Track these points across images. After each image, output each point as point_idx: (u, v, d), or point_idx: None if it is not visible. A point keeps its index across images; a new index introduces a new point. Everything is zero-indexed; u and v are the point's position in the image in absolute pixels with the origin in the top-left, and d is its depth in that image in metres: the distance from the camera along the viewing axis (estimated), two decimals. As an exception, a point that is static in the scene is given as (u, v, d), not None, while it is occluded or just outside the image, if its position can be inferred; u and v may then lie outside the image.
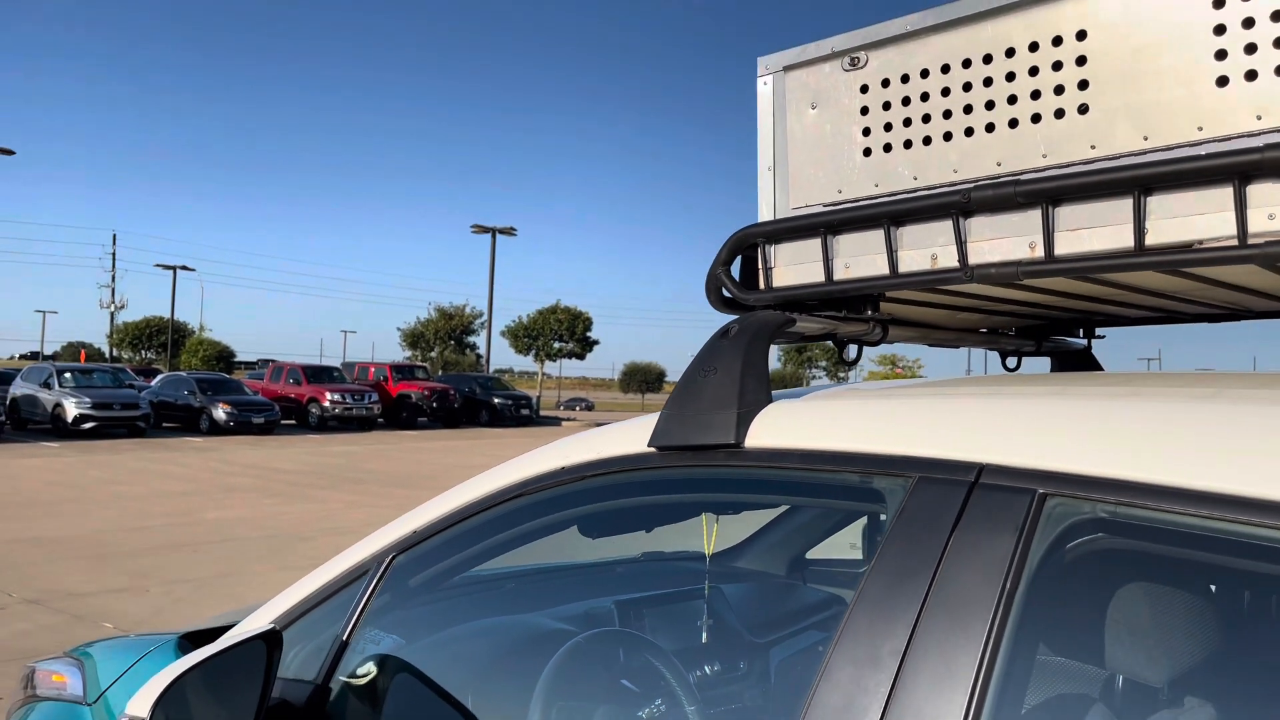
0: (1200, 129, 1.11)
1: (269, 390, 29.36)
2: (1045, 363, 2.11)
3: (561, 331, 49.61)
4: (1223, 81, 1.09)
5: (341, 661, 1.55)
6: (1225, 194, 1.06)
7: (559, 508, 1.48)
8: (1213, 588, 1.06)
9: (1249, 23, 1.08)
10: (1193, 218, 1.09)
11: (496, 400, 34.06)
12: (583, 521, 1.57)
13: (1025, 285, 1.35)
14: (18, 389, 23.86)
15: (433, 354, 53.72)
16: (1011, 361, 2.01)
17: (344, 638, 1.55)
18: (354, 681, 1.57)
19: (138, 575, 7.82)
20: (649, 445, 1.34)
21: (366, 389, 29.85)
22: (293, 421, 28.65)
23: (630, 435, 1.38)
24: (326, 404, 28.26)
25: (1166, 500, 0.90)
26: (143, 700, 1.29)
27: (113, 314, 60.26)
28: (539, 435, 27.55)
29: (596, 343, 51.57)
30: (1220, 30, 1.09)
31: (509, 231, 43.47)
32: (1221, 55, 1.09)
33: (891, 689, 0.96)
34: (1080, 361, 2.05)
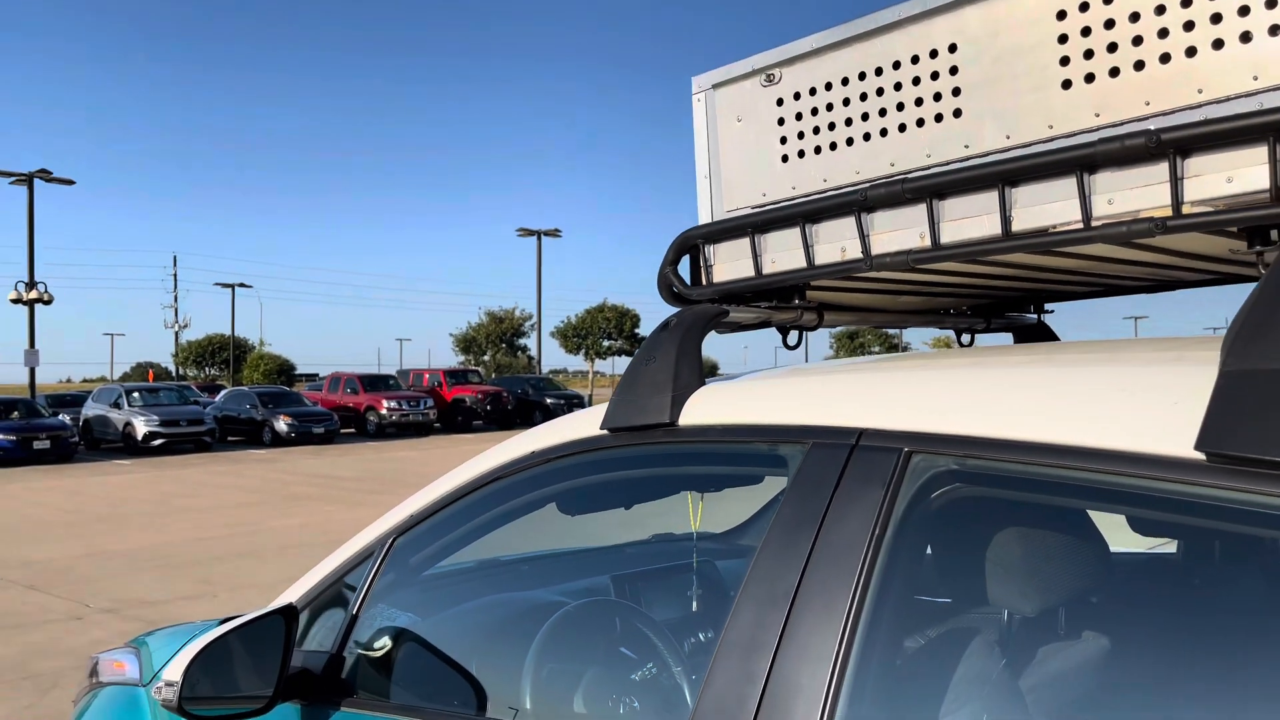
0: (1050, 127, 1.26)
1: (328, 400, 30.10)
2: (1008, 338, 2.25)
3: (610, 329, 49.99)
4: (1067, 84, 1.24)
5: (352, 634, 1.75)
6: (1071, 184, 1.20)
7: (533, 488, 1.66)
8: (1045, 522, 1.21)
9: (1086, 31, 1.22)
10: (1048, 205, 1.24)
11: (549, 400, 34.49)
12: (561, 499, 1.75)
13: (930, 270, 1.50)
14: (89, 410, 24.84)
15: (485, 358, 54.48)
16: (966, 339, 2.15)
17: (354, 613, 1.75)
18: (364, 652, 1.77)
19: (206, 582, 8.21)
20: (601, 428, 1.52)
21: (422, 395, 30.45)
22: (351, 430, 29.34)
23: (587, 420, 1.56)
24: (383, 411, 28.89)
25: (1004, 451, 1.06)
26: (176, 666, 1.51)
27: (177, 333, 62.09)
28: (591, 433, 27.81)
29: (645, 339, 51.86)
30: (1063, 39, 1.24)
31: (554, 234, 43.94)
32: (1065, 61, 1.24)
33: (785, 624, 1.13)
34: (1036, 335, 2.18)
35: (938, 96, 1.37)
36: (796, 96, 1.53)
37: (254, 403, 26.84)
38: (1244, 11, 1.09)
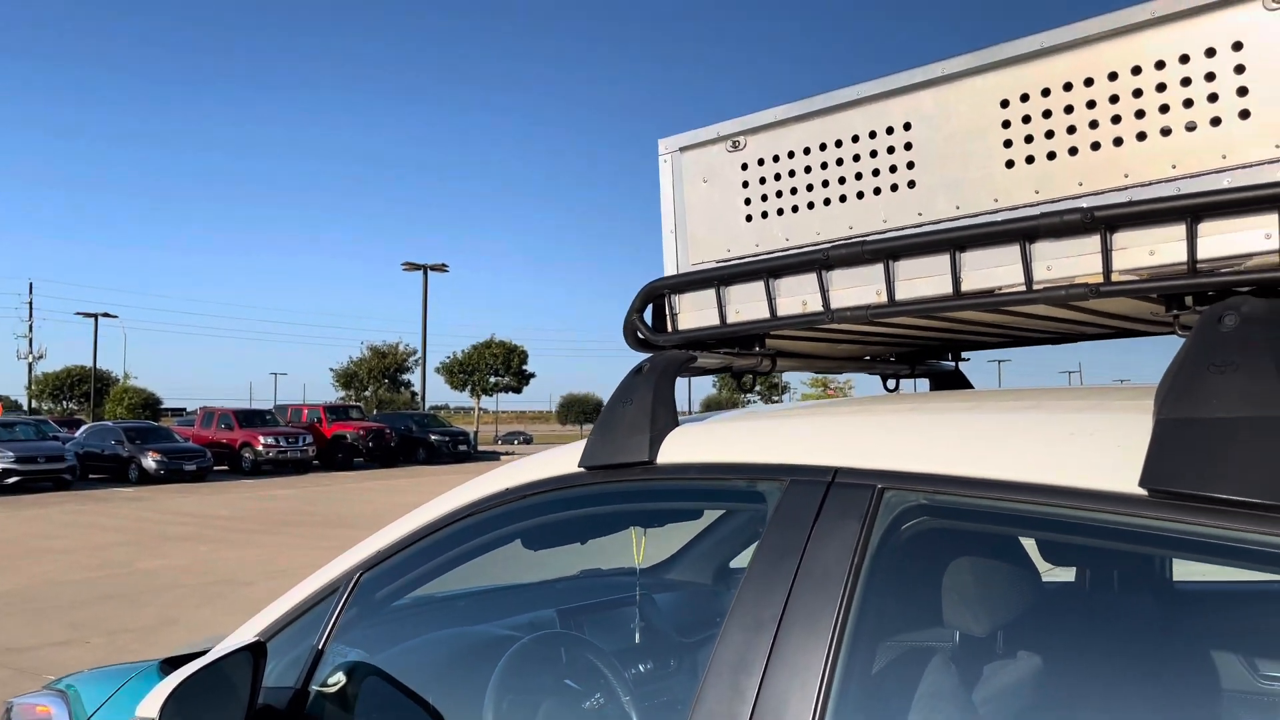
0: (996, 200, 1.43)
1: (199, 436, 28.92)
2: (925, 384, 2.43)
3: (497, 365, 49.65)
4: (1010, 164, 1.41)
5: (317, 669, 1.77)
6: (1015, 251, 1.37)
7: (505, 523, 1.73)
8: (1006, 552, 1.36)
9: (1026, 119, 1.40)
10: (994, 269, 1.40)
11: (433, 437, 34.00)
12: (526, 535, 1.82)
13: (879, 322, 1.65)
14: (-65, 446, 23.15)
15: (367, 393, 53.20)
16: (891, 383, 2.32)
17: (319, 648, 1.77)
18: (327, 688, 1.79)
19: (78, 628, 7.79)
20: (579, 465, 1.61)
21: (300, 431, 29.57)
22: (225, 467, 28.22)
23: (564, 458, 1.65)
24: (260, 448, 27.92)
25: (969, 487, 1.20)
26: (151, 703, 1.51)
27: (31, 365, 58.51)
28: (477, 471, 27.45)
29: (533, 376, 51.74)
30: (1006, 124, 1.41)
31: (441, 268, 43.49)
32: (1008, 144, 1.41)
33: (772, 646, 1.23)
34: (952, 381, 2.37)
35: (893, 168, 1.52)
36: (761, 162, 1.67)
37: (120, 438, 25.57)
38: (1164, 109, 1.28)
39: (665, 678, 2.31)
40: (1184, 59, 1.26)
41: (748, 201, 1.69)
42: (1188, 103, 1.26)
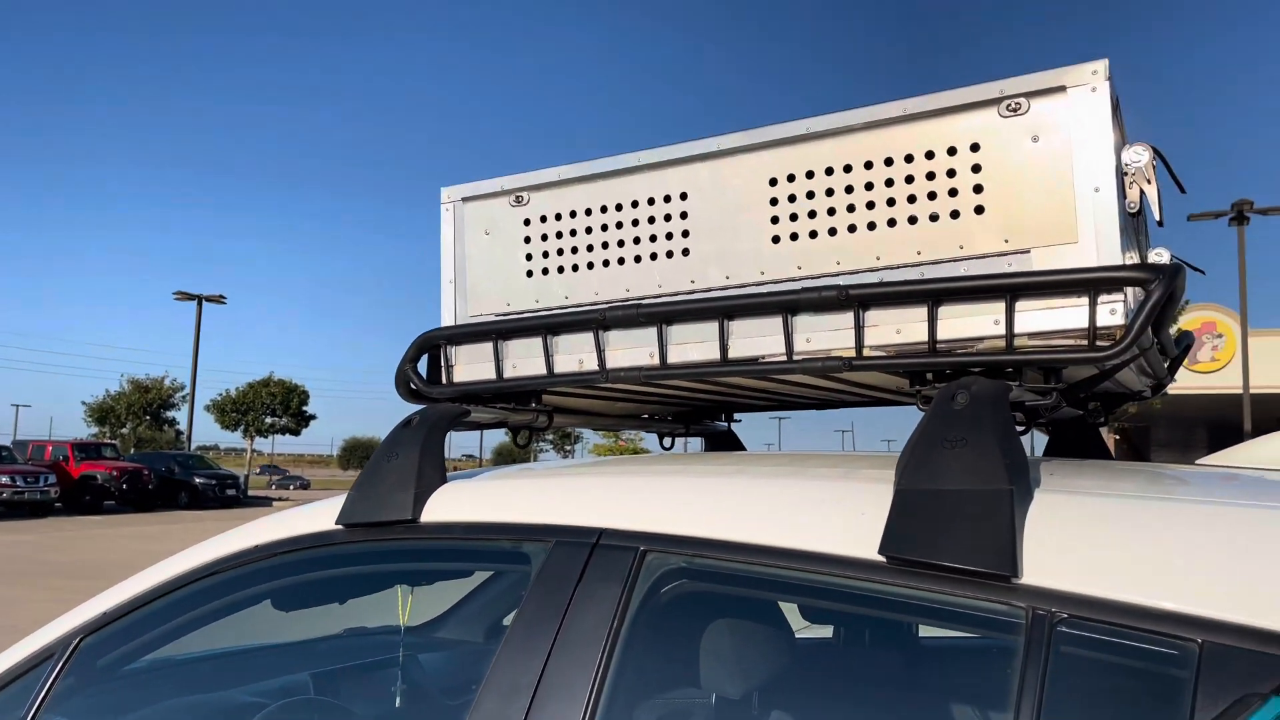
0: (762, 273, 1.49)
1: (-83, 474, 25.56)
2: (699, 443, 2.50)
3: (275, 405, 47.08)
4: (776, 240, 1.48)
5: (23, 747, 1.57)
6: (778, 322, 1.43)
7: (252, 583, 1.61)
8: (761, 614, 1.40)
9: (792, 198, 1.47)
10: (759, 338, 1.45)
11: (198, 480, 31.64)
12: (275, 596, 1.70)
13: (654, 384, 1.68)
14: None
15: (124, 430, 48.97)
16: (668, 442, 2.37)
17: (26, 721, 1.58)
18: None
19: None
20: (337, 523, 1.52)
21: (42, 470, 26.77)
22: (-54, 509, 25.05)
23: (320, 514, 1.56)
24: (-9, 488, 25.01)
25: (727, 551, 1.23)
26: None
27: None
28: (245, 517, 25.72)
29: (313, 417, 49.38)
30: (774, 202, 1.49)
31: (218, 299, 40.94)
32: (775, 220, 1.48)
33: (527, 713, 1.20)
34: (725, 442, 2.45)
35: (670, 235, 1.56)
36: (543, 219, 1.67)
37: None
38: (912, 199, 1.38)
39: None
40: (930, 155, 1.37)
41: (529, 257, 1.69)
42: (932, 195, 1.37)
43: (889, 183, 1.40)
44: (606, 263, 1.62)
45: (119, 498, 28.63)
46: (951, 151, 1.36)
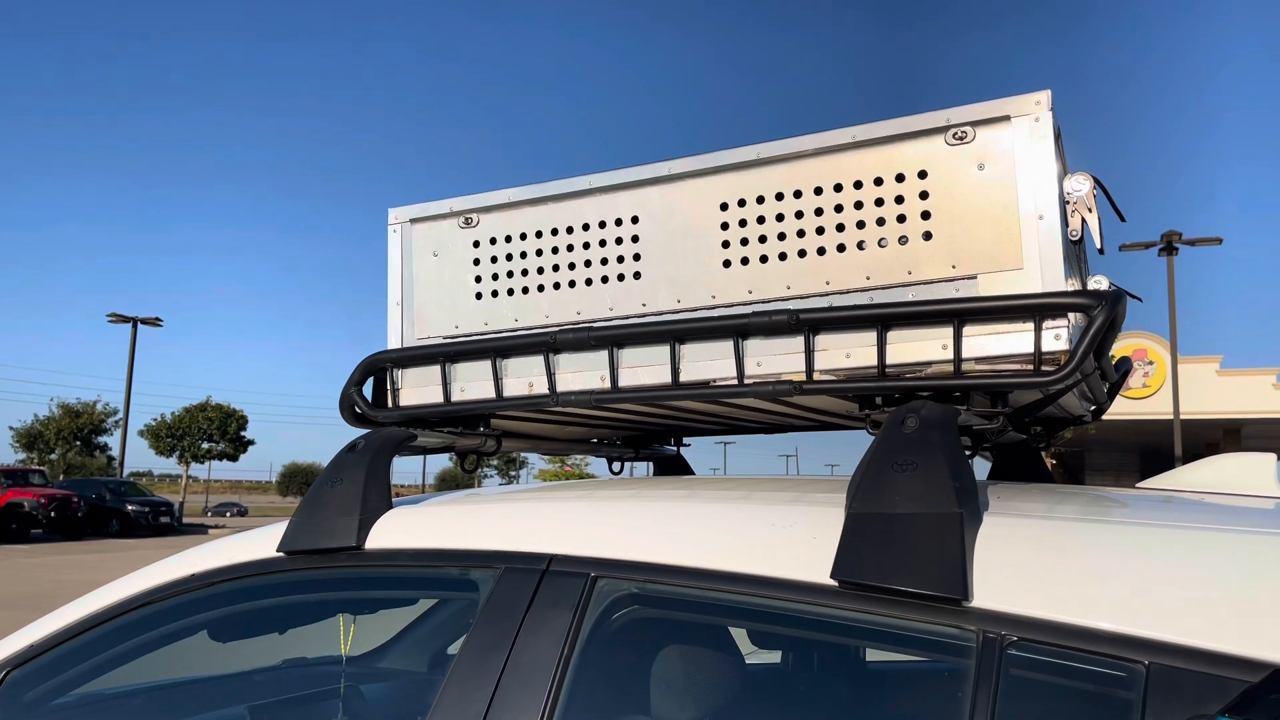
0: (714, 297, 1.49)
1: None
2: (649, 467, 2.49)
3: (212, 431, 46.03)
4: (727, 264, 1.49)
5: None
6: (729, 346, 1.43)
7: (189, 613, 1.56)
8: (712, 640, 1.39)
9: (743, 223, 1.48)
10: (710, 362, 1.45)
11: (130, 507, 30.72)
12: (213, 627, 1.65)
13: (604, 407, 1.67)
14: None
15: (53, 456, 47.43)
16: (616, 466, 2.35)
17: (-57, 763, 1.50)
18: None
19: None
20: (278, 550, 1.48)
21: (-35, 497, 25.80)
22: None
23: (260, 541, 1.52)
24: (-90, 516, 24.02)
25: (678, 576, 1.21)
26: None
27: None
28: (180, 546, 25.10)
29: (251, 443, 48.39)
30: (725, 226, 1.49)
31: (154, 322, 39.95)
32: (726, 245, 1.49)
33: None
34: (674, 466, 2.44)
35: (620, 259, 1.56)
36: (493, 241, 1.66)
37: None
38: (860, 225, 1.40)
39: None
40: (878, 181, 1.39)
41: (478, 279, 1.67)
42: (880, 221, 1.38)
43: (838, 208, 1.41)
44: (557, 285, 1.61)
45: (47, 525, 27.68)
46: (900, 178, 1.38)
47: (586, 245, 1.59)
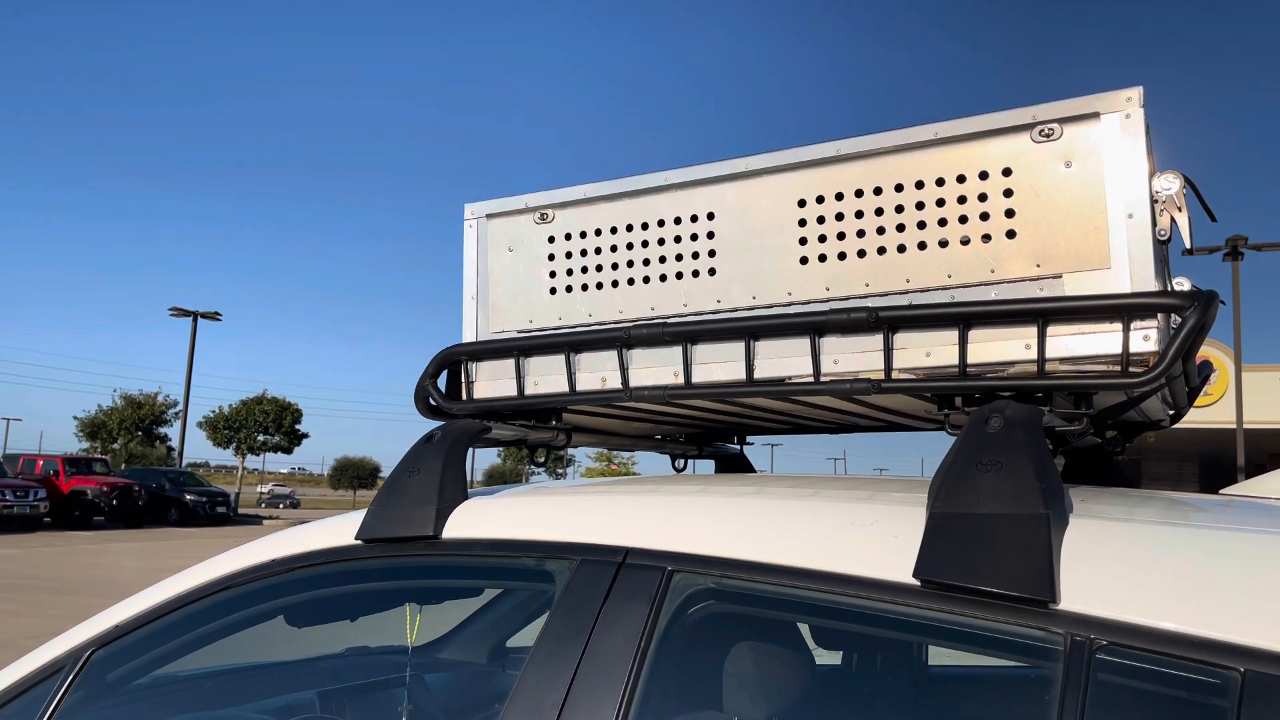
0: (790, 294, 1.49)
1: (-95, 486, 25.35)
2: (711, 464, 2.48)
3: (267, 424, 46.90)
4: (804, 261, 1.48)
5: (28, 762, 1.55)
6: (805, 343, 1.43)
7: (267, 598, 1.59)
8: (787, 637, 1.39)
9: (821, 220, 1.47)
10: (785, 359, 1.45)
11: (189, 497, 31.42)
12: (289, 612, 1.68)
13: (674, 404, 1.67)
14: None
15: (116, 446, 48.68)
16: (679, 463, 2.36)
17: (33, 736, 1.55)
18: None
19: None
20: (355, 538, 1.51)
21: (31, 484, 26.57)
22: (-66, 522, 24.85)
23: (338, 529, 1.54)
24: (-21, 501, 24.81)
25: (756, 572, 1.21)
26: None
27: None
28: (236, 535, 25.61)
29: (306, 436, 49.18)
30: (802, 223, 1.49)
31: (213, 316, 40.84)
32: (803, 241, 1.48)
33: None
34: (736, 464, 2.44)
35: (695, 255, 1.56)
36: (568, 237, 1.67)
37: None
38: (942, 223, 1.38)
39: None
40: (961, 179, 1.37)
41: (553, 274, 1.69)
42: (963, 219, 1.37)
43: (919, 205, 1.40)
44: (631, 281, 1.61)
45: (109, 513, 28.43)
46: (983, 176, 1.36)
47: (661, 241, 1.59)
